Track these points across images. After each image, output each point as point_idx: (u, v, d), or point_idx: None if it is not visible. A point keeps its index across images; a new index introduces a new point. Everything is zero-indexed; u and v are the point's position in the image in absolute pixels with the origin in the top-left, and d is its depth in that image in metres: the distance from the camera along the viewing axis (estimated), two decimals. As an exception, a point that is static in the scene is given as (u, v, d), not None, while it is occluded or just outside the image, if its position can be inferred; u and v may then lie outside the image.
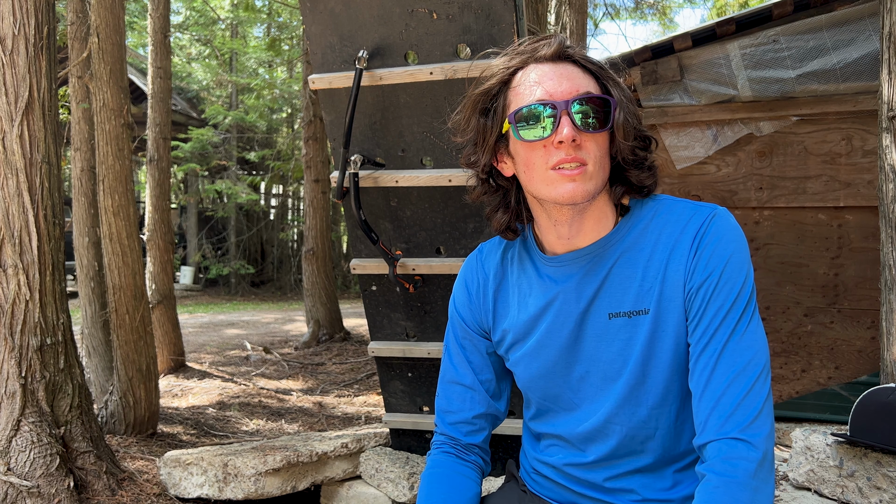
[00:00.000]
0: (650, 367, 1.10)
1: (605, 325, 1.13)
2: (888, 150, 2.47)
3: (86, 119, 4.24)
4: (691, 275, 1.08)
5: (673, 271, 1.09)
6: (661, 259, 1.10)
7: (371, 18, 2.24)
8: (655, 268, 1.10)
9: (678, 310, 1.09)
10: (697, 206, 1.12)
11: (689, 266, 1.08)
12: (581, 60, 1.10)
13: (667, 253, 1.10)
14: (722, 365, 1.03)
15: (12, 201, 2.60)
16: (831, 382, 3.46)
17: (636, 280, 1.11)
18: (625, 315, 1.11)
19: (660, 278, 1.09)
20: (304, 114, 7.34)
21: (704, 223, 1.09)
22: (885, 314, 2.49)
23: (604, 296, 1.13)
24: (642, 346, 1.10)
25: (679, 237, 1.09)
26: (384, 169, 2.44)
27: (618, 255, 1.13)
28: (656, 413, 1.12)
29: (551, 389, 1.20)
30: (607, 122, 1.08)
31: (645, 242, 1.12)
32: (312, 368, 6.11)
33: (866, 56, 3.21)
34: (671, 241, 1.10)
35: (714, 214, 1.09)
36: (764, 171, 3.51)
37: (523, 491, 1.30)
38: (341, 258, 14.59)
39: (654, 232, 1.12)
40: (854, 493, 2.21)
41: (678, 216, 1.12)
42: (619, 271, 1.12)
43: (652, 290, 1.10)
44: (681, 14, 47.55)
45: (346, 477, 2.86)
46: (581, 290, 1.14)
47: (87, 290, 4.21)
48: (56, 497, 2.48)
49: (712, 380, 1.04)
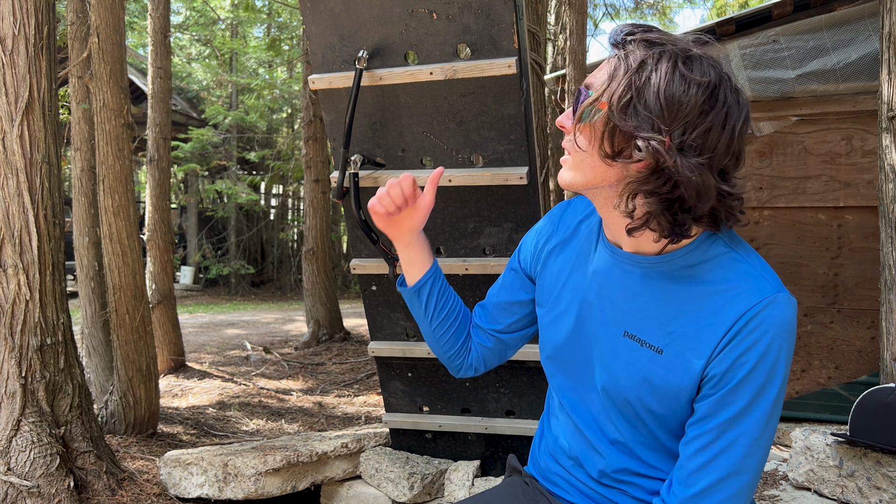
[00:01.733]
0: (636, 398, 1.10)
1: (617, 340, 1.12)
2: (888, 150, 2.47)
3: (86, 119, 4.24)
4: (721, 359, 1.00)
5: (705, 340, 1.02)
6: (698, 315, 1.03)
7: (371, 18, 2.24)
8: (688, 318, 1.04)
9: (695, 372, 1.03)
10: (759, 281, 1.01)
11: (720, 346, 1.00)
12: (620, 48, 1.00)
13: (706, 313, 1.02)
14: (713, 454, 1.02)
15: (12, 201, 2.60)
16: (831, 382, 3.46)
17: (665, 315, 1.06)
18: (638, 341, 1.08)
19: (689, 333, 1.03)
20: (304, 114, 7.34)
21: (756, 307, 0.99)
22: (885, 314, 2.49)
23: (629, 311, 1.10)
24: (640, 377, 1.08)
25: (724, 306, 1.01)
26: (384, 169, 2.44)
27: (660, 282, 1.07)
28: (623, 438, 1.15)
29: (565, 358, 1.21)
30: (588, 115, 1.01)
31: (690, 285, 1.05)
32: (312, 368, 6.11)
33: (866, 56, 3.21)
34: (715, 303, 1.02)
35: (770, 300, 0.99)
36: (764, 171, 3.51)
37: (526, 483, 1.31)
38: (341, 258, 14.59)
39: (703, 280, 1.04)
40: (854, 493, 2.21)
41: (734, 281, 1.02)
42: (652, 297, 1.08)
43: (675, 338, 1.05)
44: (681, 14, 47.58)
45: (346, 477, 2.86)
46: (612, 292, 1.13)
47: (87, 290, 4.21)
48: (56, 497, 2.48)
49: (699, 460, 1.03)
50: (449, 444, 2.84)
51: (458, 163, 2.38)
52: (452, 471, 2.68)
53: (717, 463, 1.01)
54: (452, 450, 2.84)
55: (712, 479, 1.01)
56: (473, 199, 2.40)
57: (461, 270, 2.47)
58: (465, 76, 2.19)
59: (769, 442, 1.02)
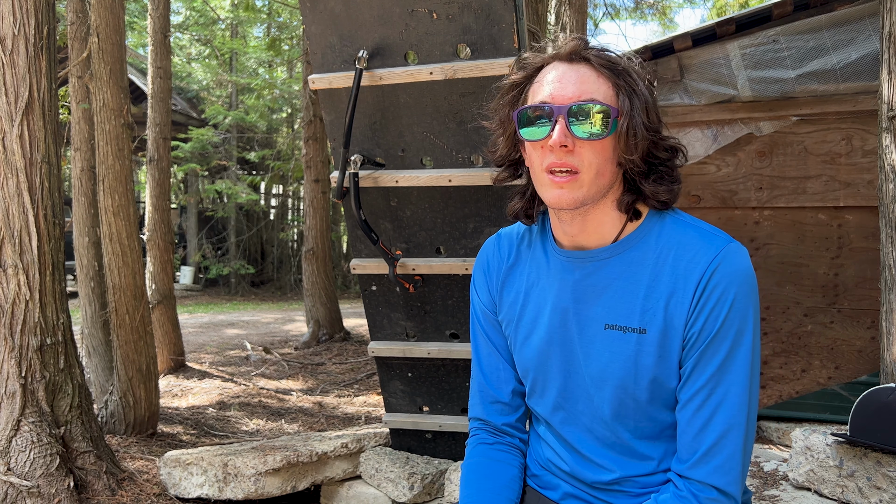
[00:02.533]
0: (633, 383, 1.11)
1: (601, 335, 1.13)
2: (888, 150, 2.47)
3: (86, 119, 4.24)
4: (694, 318, 1.07)
5: (677, 304, 1.08)
6: (666, 285, 1.09)
7: (371, 18, 2.24)
8: (659, 291, 1.09)
9: (678, 339, 1.08)
10: (709, 239, 1.09)
11: (692, 307, 1.07)
12: (596, 63, 1.08)
13: (671, 281, 1.08)
14: (710, 411, 1.06)
15: (12, 201, 2.60)
16: (831, 382, 3.46)
17: (638, 297, 1.10)
18: (620, 329, 1.11)
19: (662, 304, 1.09)
20: (304, 114, 7.34)
21: (713, 262, 1.06)
22: (885, 314, 2.49)
23: (603, 304, 1.13)
24: (632, 362, 1.10)
25: (686, 269, 1.08)
26: (384, 169, 2.44)
27: (623, 267, 1.12)
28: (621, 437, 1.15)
29: (541, 375, 1.21)
30: (609, 130, 1.05)
31: (651, 260, 1.11)
32: (312, 368, 6.11)
33: (866, 56, 3.21)
34: (678, 269, 1.08)
35: (724, 253, 1.06)
36: (764, 171, 3.51)
37: (524, 491, 1.31)
38: (341, 258, 14.58)
39: (661, 252, 1.10)
40: (854, 493, 2.21)
41: (688, 244, 1.09)
42: (622, 284, 1.12)
43: (653, 314, 1.09)
44: (681, 14, 47.57)
45: (346, 477, 2.86)
46: (582, 291, 1.15)
47: (87, 290, 4.21)
48: (56, 497, 2.48)
49: (698, 421, 1.07)
50: (449, 444, 2.84)
51: (458, 163, 2.38)
52: (452, 471, 2.67)
53: (716, 419, 1.06)
54: (452, 450, 2.84)
55: (714, 437, 1.06)
56: (473, 199, 2.40)
57: (461, 270, 2.47)
58: (465, 76, 2.19)
59: (756, 390, 1.08)
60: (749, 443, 1.07)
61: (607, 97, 1.07)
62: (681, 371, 1.09)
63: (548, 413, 1.22)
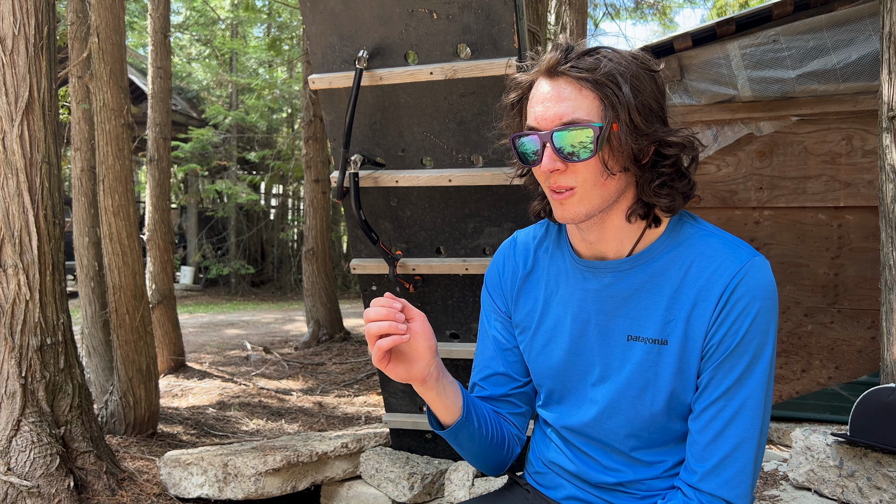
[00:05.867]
0: (652, 395, 1.11)
1: (622, 345, 1.13)
2: (888, 150, 2.46)
3: (86, 119, 4.24)
4: (715, 330, 1.06)
5: (698, 316, 1.07)
6: (688, 296, 1.08)
7: (371, 18, 2.24)
8: (682, 302, 1.09)
9: (697, 350, 1.08)
10: (734, 250, 1.08)
11: (713, 319, 1.06)
12: (575, 76, 1.03)
13: (694, 292, 1.08)
14: (723, 423, 1.06)
15: (12, 201, 2.60)
16: (831, 382, 3.46)
17: (660, 308, 1.10)
18: (643, 341, 1.11)
19: (684, 316, 1.08)
20: (304, 114, 7.34)
21: (738, 275, 1.05)
22: (885, 314, 2.49)
23: (626, 315, 1.13)
24: (652, 373, 1.10)
25: (709, 281, 1.07)
26: (384, 169, 2.44)
27: (646, 278, 1.11)
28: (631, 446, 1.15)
29: (559, 385, 1.21)
30: (597, 148, 1.02)
31: (674, 271, 1.10)
32: (312, 368, 6.11)
33: (866, 56, 3.21)
34: (700, 280, 1.08)
35: (749, 266, 1.06)
36: (764, 171, 3.51)
37: (527, 490, 1.31)
38: (341, 258, 14.59)
39: (684, 263, 1.10)
40: (854, 493, 2.21)
41: (712, 255, 1.08)
42: (644, 295, 1.11)
43: (675, 325, 1.09)
44: (681, 14, 47.57)
45: (346, 477, 2.86)
46: (604, 301, 1.14)
47: (87, 290, 4.21)
48: (56, 497, 2.48)
49: (711, 432, 1.07)
50: (449, 444, 2.84)
51: (458, 163, 2.38)
52: (452, 471, 2.67)
53: (728, 431, 1.05)
54: (452, 450, 2.84)
55: (727, 449, 1.05)
56: (473, 199, 2.40)
57: (461, 270, 2.47)
58: (465, 76, 2.19)
59: (770, 404, 1.08)
60: (759, 457, 1.07)
61: (591, 111, 1.02)
62: (697, 381, 1.09)
63: (562, 422, 1.22)
